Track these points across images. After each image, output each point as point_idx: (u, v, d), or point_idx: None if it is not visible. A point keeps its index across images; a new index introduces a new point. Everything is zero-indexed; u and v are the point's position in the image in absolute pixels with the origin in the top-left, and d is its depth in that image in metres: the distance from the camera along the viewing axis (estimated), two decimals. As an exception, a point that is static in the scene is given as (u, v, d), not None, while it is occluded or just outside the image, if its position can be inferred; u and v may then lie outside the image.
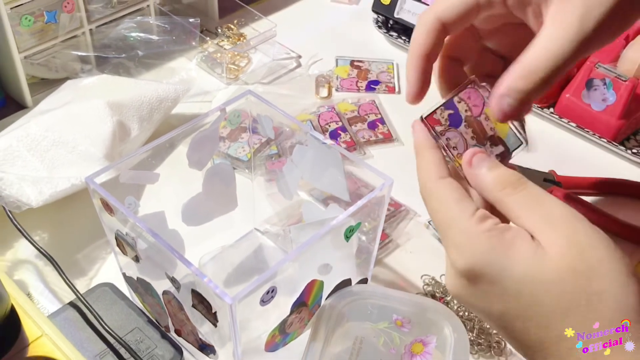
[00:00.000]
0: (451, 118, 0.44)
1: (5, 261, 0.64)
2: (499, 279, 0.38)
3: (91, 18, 0.83)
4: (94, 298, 0.59)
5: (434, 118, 0.44)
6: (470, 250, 0.39)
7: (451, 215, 0.40)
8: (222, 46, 0.91)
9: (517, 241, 0.38)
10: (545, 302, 0.37)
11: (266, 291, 0.45)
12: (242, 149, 0.75)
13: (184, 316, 0.51)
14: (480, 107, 0.45)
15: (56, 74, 0.83)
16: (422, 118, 0.44)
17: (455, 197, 0.41)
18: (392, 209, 0.71)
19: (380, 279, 0.65)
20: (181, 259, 0.46)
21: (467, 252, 0.39)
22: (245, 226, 0.68)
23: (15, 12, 0.75)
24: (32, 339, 0.51)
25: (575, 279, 0.36)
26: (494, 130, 0.45)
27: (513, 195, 0.40)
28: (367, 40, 0.96)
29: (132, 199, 0.53)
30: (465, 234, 0.39)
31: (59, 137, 0.67)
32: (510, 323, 0.39)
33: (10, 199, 0.62)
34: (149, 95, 0.75)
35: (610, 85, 0.77)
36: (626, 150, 0.78)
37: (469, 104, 0.45)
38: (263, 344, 0.50)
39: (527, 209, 0.39)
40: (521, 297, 0.37)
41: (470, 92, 0.45)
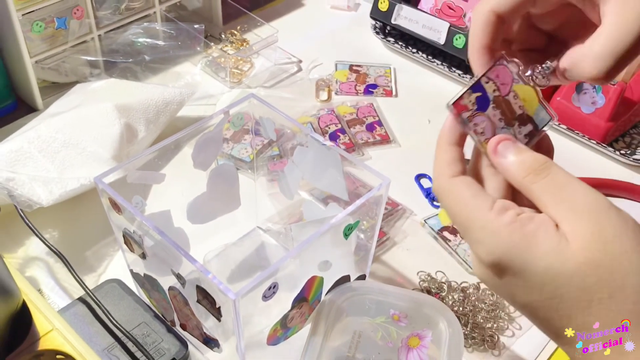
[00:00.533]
0: (479, 101, 0.42)
1: (17, 258, 0.64)
2: (522, 272, 0.37)
3: (100, 24, 0.83)
4: (103, 294, 0.59)
5: (460, 104, 0.42)
6: (492, 246, 0.38)
7: (468, 212, 0.39)
8: (225, 51, 0.91)
9: (540, 234, 0.37)
10: (568, 296, 0.36)
11: (268, 287, 0.45)
12: (245, 150, 0.75)
13: (189, 311, 0.51)
14: (508, 84, 0.43)
15: (66, 78, 0.84)
16: (449, 105, 0.42)
17: (471, 194, 0.39)
18: (390, 208, 0.71)
19: (378, 276, 0.65)
20: (186, 256, 0.46)
21: (489, 248, 0.38)
22: (248, 224, 0.68)
23: (27, 18, 0.75)
24: (43, 333, 0.51)
25: (598, 272, 0.35)
26: (523, 108, 0.43)
27: (537, 182, 0.38)
28: (366, 45, 0.97)
29: (139, 198, 0.53)
30: (486, 230, 0.38)
31: (68, 138, 0.67)
32: (534, 312, 0.38)
33: (22, 198, 0.62)
34: (155, 98, 0.75)
35: (599, 89, 0.77)
36: (614, 151, 0.78)
37: (497, 83, 0.43)
38: (265, 338, 0.50)
39: (551, 196, 0.38)
40: (544, 289, 0.37)
41: (498, 70, 0.43)
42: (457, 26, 0.87)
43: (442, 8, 0.90)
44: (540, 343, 0.60)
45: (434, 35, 0.88)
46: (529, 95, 0.44)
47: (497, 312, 0.61)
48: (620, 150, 0.79)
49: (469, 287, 0.64)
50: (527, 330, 0.61)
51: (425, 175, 0.76)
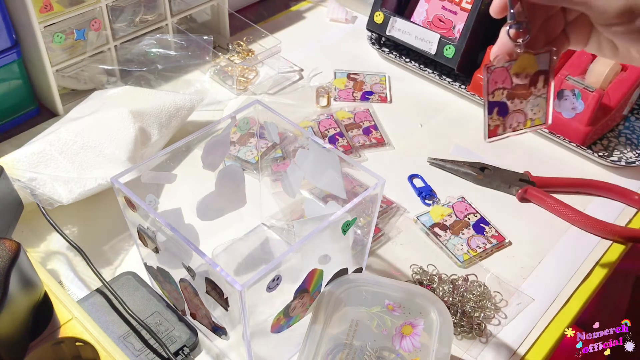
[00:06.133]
0: (501, 113, 0.44)
1: (40, 252, 0.64)
2: None
3: (116, 36, 0.83)
4: (119, 285, 0.59)
5: (492, 131, 0.44)
6: None
7: None
8: (232, 60, 0.91)
9: None
10: None
11: (272, 279, 0.45)
12: (251, 152, 0.75)
13: (198, 301, 0.51)
14: (507, 77, 0.45)
15: (85, 85, 0.84)
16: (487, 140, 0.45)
17: None
18: (385, 205, 0.71)
19: (374, 268, 0.65)
20: (196, 250, 0.46)
21: None
22: (254, 221, 0.68)
23: (48, 30, 0.75)
24: (63, 321, 0.51)
25: None
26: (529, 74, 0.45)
27: None
28: (362, 55, 0.96)
29: (153, 196, 0.53)
30: None
31: (87, 141, 0.67)
32: None
33: (43, 196, 0.62)
34: (167, 104, 0.75)
35: (579, 95, 0.77)
36: (593, 154, 0.78)
37: (499, 86, 0.45)
38: (269, 326, 0.50)
39: None
40: None
41: (492, 77, 0.45)
42: (447, 37, 0.86)
43: (433, 20, 0.90)
44: (524, 330, 0.60)
45: (425, 46, 0.88)
46: (525, 61, 0.45)
47: (484, 302, 0.61)
48: (599, 153, 0.79)
49: (458, 279, 0.64)
50: (512, 319, 0.61)
51: (417, 175, 0.76)
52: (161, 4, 0.85)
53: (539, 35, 0.47)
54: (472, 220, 0.70)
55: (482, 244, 0.67)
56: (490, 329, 0.60)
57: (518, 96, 0.45)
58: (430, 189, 0.74)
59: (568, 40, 0.48)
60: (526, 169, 0.76)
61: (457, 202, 0.72)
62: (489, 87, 0.45)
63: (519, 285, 0.64)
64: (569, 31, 0.48)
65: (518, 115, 0.45)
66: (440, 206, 0.72)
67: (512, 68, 0.45)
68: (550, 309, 0.62)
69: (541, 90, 0.46)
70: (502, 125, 0.45)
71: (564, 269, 0.66)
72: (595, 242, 0.69)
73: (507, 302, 0.62)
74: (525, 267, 0.66)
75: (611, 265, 0.67)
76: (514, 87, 0.45)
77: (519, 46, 0.45)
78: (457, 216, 0.70)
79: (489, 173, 0.75)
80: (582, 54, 0.80)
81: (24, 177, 0.62)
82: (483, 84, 0.45)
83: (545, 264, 0.66)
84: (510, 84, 0.45)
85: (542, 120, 0.48)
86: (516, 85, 0.45)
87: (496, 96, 0.45)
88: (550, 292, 0.63)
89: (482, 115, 0.45)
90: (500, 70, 0.45)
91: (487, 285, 0.63)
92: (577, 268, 0.66)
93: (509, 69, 0.45)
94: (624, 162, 0.77)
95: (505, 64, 0.45)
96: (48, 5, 0.73)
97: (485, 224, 0.70)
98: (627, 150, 0.79)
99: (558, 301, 0.63)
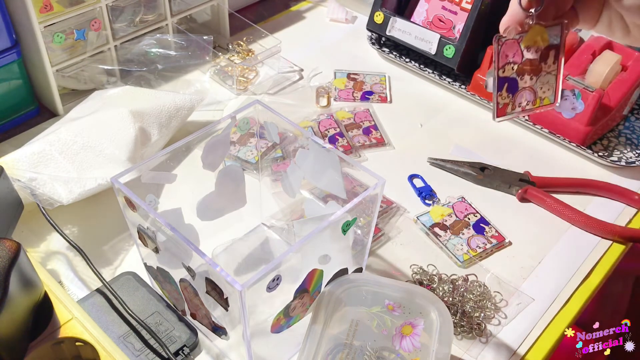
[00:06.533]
0: (510, 90, 0.43)
1: (40, 252, 0.64)
2: None
3: (116, 36, 0.83)
4: (119, 285, 0.59)
5: (500, 110, 0.43)
6: None
7: None
8: (232, 60, 0.91)
9: None
10: None
11: (272, 279, 0.45)
12: (251, 152, 0.75)
13: (198, 301, 0.51)
14: (517, 50, 0.43)
15: (85, 85, 0.84)
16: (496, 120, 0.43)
17: None
18: (385, 205, 0.71)
19: (374, 268, 0.65)
20: (196, 250, 0.46)
21: None
22: (254, 221, 0.68)
23: (48, 30, 0.75)
24: (63, 321, 0.51)
25: None
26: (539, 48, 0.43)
27: None
28: (362, 55, 0.96)
29: (153, 196, 0.53)
30: None
31: (87, 141, 0.67)
32: None
33: (43, 196, 0.62)
34: (167, 104, 0.75)
35: (579, 95, 0.77)
36: (593, 154, 0.78)
37: (510, 60, 0.43)
38: (269, 326, 0.50)
39: None
40: None
41: (502, 50, 0.43)
42: (447, 37, 0.86)
43: (433, 20, 0.90)
44: (524, 330, 0.60)
45: (425, 46, 0.88)
46: (536, 33, 0.43)
47: (484, 302, 0.61)
48: (599, 153, 0.79)
49: (458, 279, 0.64)
50: (512, 319, 0.61)
51: (417, 175, 0.76)
52: (161, 4, 0.85)
53: (549, 7, 0.45)
54: (472, 220, 0.70)
55: (482, 244, 0.67)
56: (490, 329, 0.60)
57: (528, 72, 0.43)
58: (430, 189, 0.74)
59: (577, 17, 0.46)
60: (526, 169, 0.76)
61: (457, 202, 0.72)
62: (499, 60, 0.44)
63: (519, 285, 0.64)
64: (579, 8, 0.46)
65: (528, 93, 0.43)
66: (440, 206, 0.72)
67: (523, 40, 0.43)
68: (550, 309, 0.62)
69: (551, 66, 0.44)
70: (511, 104, 0.43)
71: (564, 269, 0.66)
72: (595, 242, 0.69)
73: (507, 302, 0.62)
74: (525, 267, 0.66)
75: (611, 265, 0.67)
76: (524, 62, 0.43)
77: (530, 17, 0.43)
78: (457, 216, 0.70)
79: (489, 173, 0.75)
80: (582, 54, 0.80)
81: (24, 177, 0.62)
82: (493, 57, 0.43)
83: (545, 264, 0.66)
84: (521, 58, 0.44)
85: (551, 100, 0.46)
86: (526, 60, 0.44)
87: (506, 71, 0.43)
88: (550, 292, 0.63)
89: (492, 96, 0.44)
90: (511, 42, 0.43)
91: (487, 285, 0.63)
92: (577, 268, 0.66)
93: (519, 41, 0.43)
94: (624, 162, 0.77)
95: (516, 36, 0.43)
96: (48, 5, 0.73)
97: (485, 224, 0.70)
98: (627, 150, 0.79)
99: (558, 301, 0.63)
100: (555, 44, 0.45)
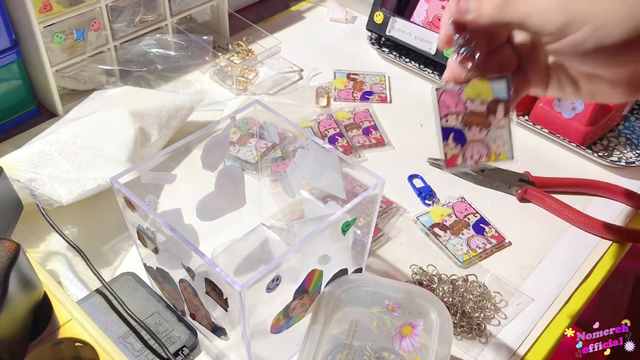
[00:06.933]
0: (457, 140, 0.41)
1: (39, 253, 0.64)
2: None
3: (115, 36, 0.83)
4: (118, 286, 0.59)
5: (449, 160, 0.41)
6: None
7: None
8: (232, 61, 0.91)
9: None
10: None
11: (272, 279, 0.45)
12: (250, 153, 0.75)
13: (198, 302, 0.51)
14: (459, 101, 0.42)
15: (84, 85, 0.83)
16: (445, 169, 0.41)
17: None
18: (384, 206, 0.71)
19: (374, 269, 0.65)
20: (196, 250, 0.45)
21: None
22: (253, 221, 0.68)
23: (48, 30, 0.75)
24: (63, 322, 0.51)
25: None
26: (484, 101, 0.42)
27: None
28: (362, 55, 0.96)
29: (152, 197, 0.53)
30: None
31: (87, 141, 0.67)
32: None
33: (43, 197, 0.62)
34: (167, 104, 0.75)
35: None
36: (593, 154, 0.78)
37: (452, 111, 0.42)
38: (269, 327, 0.50)
39: None
40: None
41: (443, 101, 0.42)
42: (446, 37, 0.86)
43: (433, 20, 0.90)
44: (524, 331, 0.60)
45: (425, 46, 0.88)
46: (478, 87, 0.42)
47: (484, 302, 0.61)
48: (598, 153, 0.78)
49: (458, 279, 0.63)
50: (512, 319, 0.61)
51: (417, 175, 0.76)
52: (161, 4, 0.85)
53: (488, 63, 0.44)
54: (472, 221, 0.70)
55: (482, 244, 0.67)
56: (490, 329, 0.60)
57: (476, 124, 0.42)
58: (430, 189, 0.74)
59: (529, 82, 0.46)
60: (526, 169, 0.76)
61: (457, 202, 0.72)
62: (440, 110, 0.42)
63: (519, 285, 0.64)
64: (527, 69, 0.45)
65: (479, 146, 0.41)
66: (440, 206, 0.72)
67: (463, 92, 0.42)
68: (550, 309, 0.62)
69: (502, 120, 0.42)
70: (461, 155, 0.41)
71: (564, 269, 0.66)
72: (595, 242, 0.69)
73: (507, 303, 0.62)
74: (525, 267, 0.66)
75: (611, 265, 0.67)
76: (470, 113, 0.41)
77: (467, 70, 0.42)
78: (457, 216, 0.70)
79: (488, 173, 0.75)
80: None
81: (24, 177, 0.62)
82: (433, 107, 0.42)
83: (545, 264, 0.66)
84: (464, 110, 0.42)
85: (509, 156, 0.43)
86: (472, 112, 0.42)
87: (450, 121, 0.42)
88: (550, 292, 0.63)
89: None
90: (452, 93, 0.42)
91: (487, 285, 0.63)
92: (577, 268, 0.66)
93: (460, 92, 0.42)
94: (624, 162, 0.77)
95: (456, 87, 0.42)
96: (48, 6, 0.73)
97: (485, 224, 0.70)
98: (627, 150, 0.79)
99: (558, 301, 0.63)
100: (503, 98, 0.43)
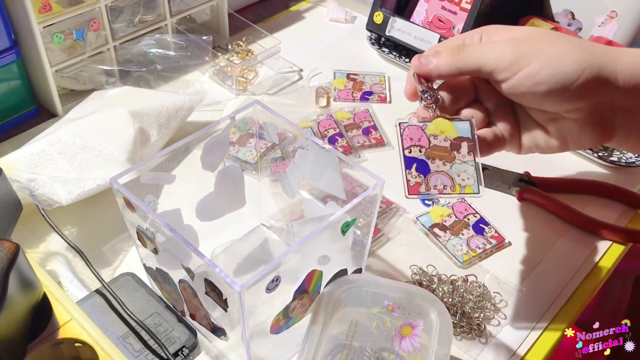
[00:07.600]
0: (420, 170, 0.42)
1: (39, 253, 0.64)
2: None
3: (115, 36, 0.83)
4: (118, 286, 0.59)
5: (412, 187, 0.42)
6: None
7: None
8: (232, 61, 0.91)
9: None
10: None
11: (271, 280, 0.45)
12: (250, 153, 0.75)
13: (198, 302, 0.51)
14: (423, 135, 0.43)
15: (84, 85, 0.83)
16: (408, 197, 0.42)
17: None
18: (384, 206, 0.71)
19: (373, 269, 0.65)
20: (195, 251, 0.45)
21: None
22: (253, 222, 0.68)
23: (47, 30, 0.75)
24: (62, 322, 0.51)
25: None
26: (448, 138, 0.43)
27: None
28: (362, 55, 0.96)
29: (152, 197, 0.53)
30: None
31: (86, 142, 0.67)
32: None
33: (42, 197, 0.62)
34: (166, 104, 0.75)
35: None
36: (593, 154, 0.78)
37: (415, 143, 0.43)
38: (268, 327, 0.50)
39: None
40: None
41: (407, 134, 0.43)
42: (446, 37, 0.86)
43: (433, 20, 0.90)
44: (524, 331, 0.60)
45: (425, 46, 0.88)
46: (441, 124, 0.44)
47: (484, 302, 0.61)
48: (599, 153, 0.78)
49: (458, 279, 0.63)
50: (512, 320, 0.61)
51: (417, 175, 0.76)
52: (160, 4, 0.85)
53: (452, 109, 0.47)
54: (472, 221, 0.70)
55: (482, 244, 0.67)
56: (490, 330, 0.60)
57: (439, 157, 0.43)
58: (429, 189, 0.74)
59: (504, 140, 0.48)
60: (526, 169, 0.76)
61: (456, 202, 0.72)
62: (403, 142, 0.43)
63: (519, 285, 0.64)
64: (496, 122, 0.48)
65: (443, 177, 0.42)
66: (440, 207, 0.72)
67: (427, 128, 0.43)
68: (550, 309, 0.62)
69: (466, 157, 0.43)
70: (424, 184, 0.42)
71: (564, 269, 0.66)
72: (595, 242, 0.69)
73: (507, 303, 0.62)
74: (525, 267, 0.66)
75: (611, 265, 0.67)
76: (433, 147, 0.43)
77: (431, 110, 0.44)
78: (456, 217, 0.70)
79: (488, 173, 0.75)
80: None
81: (23, 177, 0.62)
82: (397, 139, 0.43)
83: (545, 264, 0.66)
84: (428, 144, 0.43)
85: (475, 190, 0.44)
86: (435, 146, 0.43)
87: (413, 152, 0.43)
88: (550, 292, 0.63)
89: None
90: (415, 128, 0.43)
91: (486, 285, 0.63)
92: (577, 268, 0.66)
93: (423, 128, 0.43)
94: (623, 163, 0.77)
95: (419, 124, 0.43)
96: (47, 6, 0.73)
97: (484, 225, 0.70)
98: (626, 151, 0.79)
99: (558, 301, 0.63)
100: (467, 137, 0.44)
